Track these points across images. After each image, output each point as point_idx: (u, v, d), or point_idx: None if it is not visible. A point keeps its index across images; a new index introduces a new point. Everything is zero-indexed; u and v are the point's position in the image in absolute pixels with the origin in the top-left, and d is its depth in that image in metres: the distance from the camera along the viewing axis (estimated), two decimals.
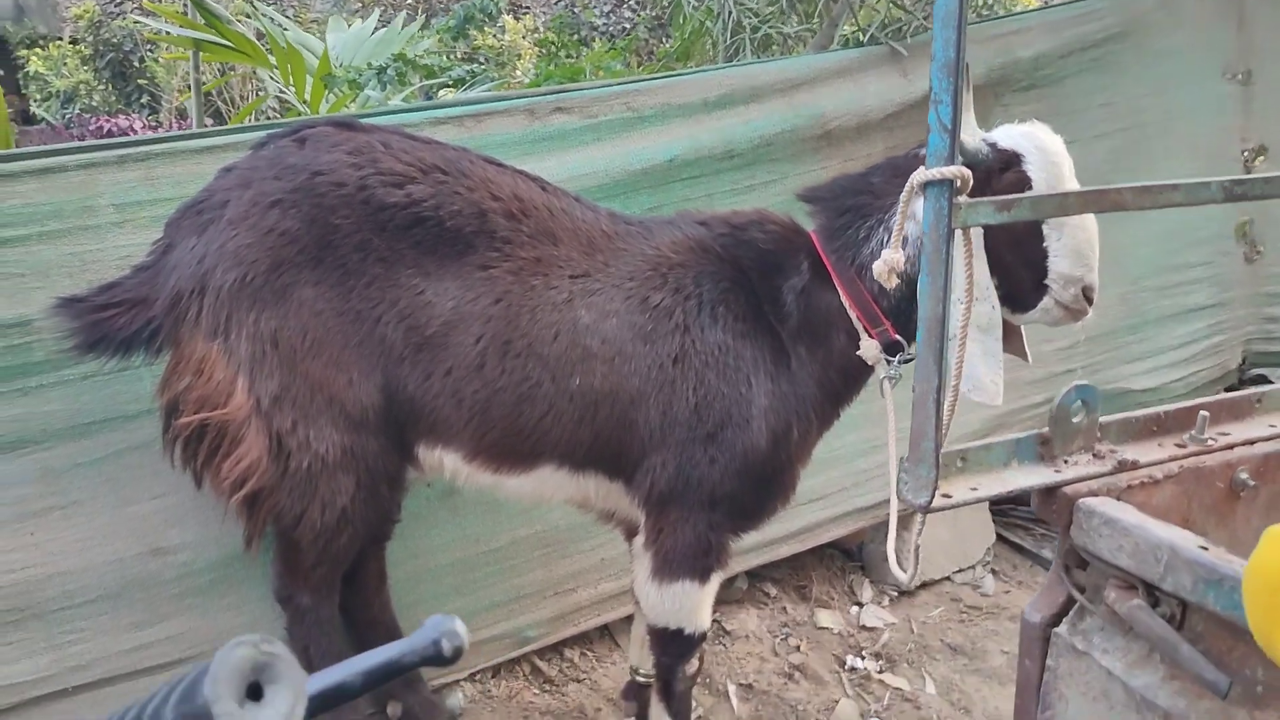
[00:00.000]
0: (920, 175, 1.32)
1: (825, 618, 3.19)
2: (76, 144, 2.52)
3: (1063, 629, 1.48)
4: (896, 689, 2.96)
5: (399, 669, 0.75)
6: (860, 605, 3.26)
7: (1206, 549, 1.30)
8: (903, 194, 1.48)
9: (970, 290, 1.53)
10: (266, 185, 2.14)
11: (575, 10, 7.19)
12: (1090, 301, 2.07)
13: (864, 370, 2.21)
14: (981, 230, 1.97)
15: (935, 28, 1.27)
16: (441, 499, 2.71)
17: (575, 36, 6.61)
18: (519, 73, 6.46)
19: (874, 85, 3.33)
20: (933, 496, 1.37)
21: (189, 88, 6.31)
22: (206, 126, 4.35)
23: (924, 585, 3.36)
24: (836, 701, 2.89)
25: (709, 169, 3.08)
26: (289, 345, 2.14)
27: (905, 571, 1.91)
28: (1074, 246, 2.01)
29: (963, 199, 1.33)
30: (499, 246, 2.19)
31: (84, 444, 2.37)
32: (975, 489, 1.42)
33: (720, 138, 3.07)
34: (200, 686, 0.59)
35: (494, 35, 7.33)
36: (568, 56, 4.76)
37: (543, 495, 2.36)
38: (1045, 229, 2.01)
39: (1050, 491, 1.47)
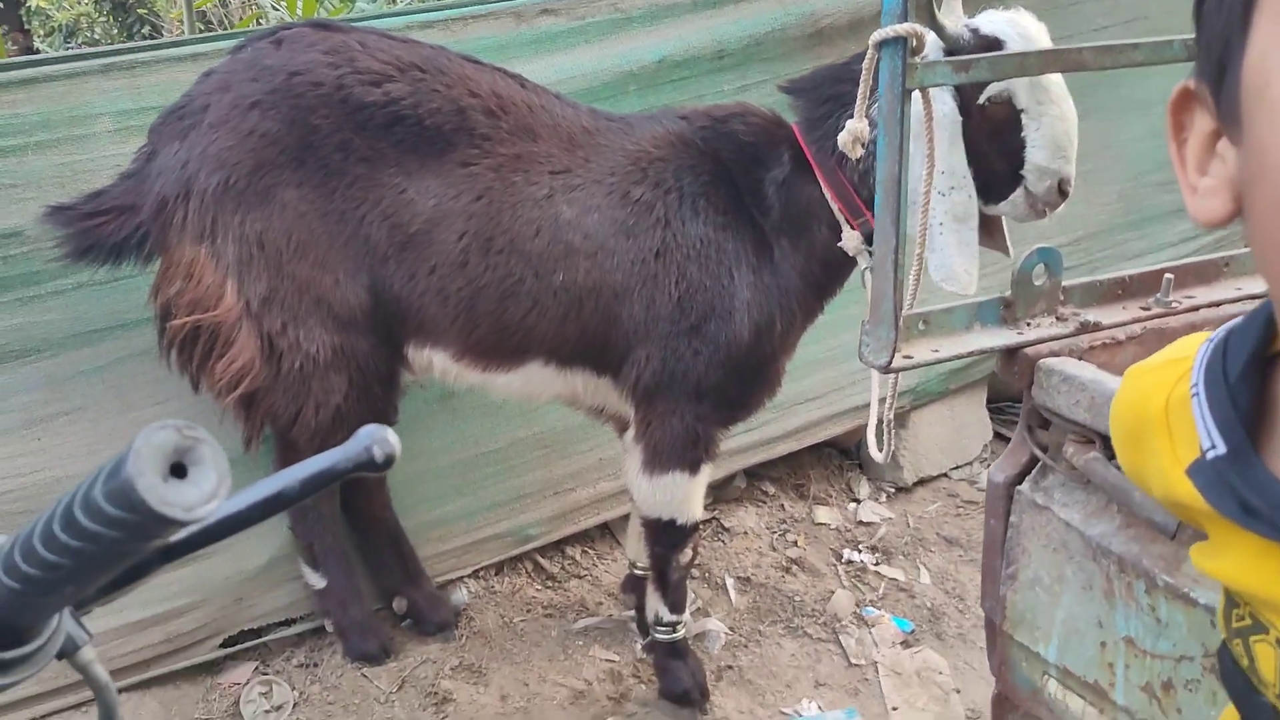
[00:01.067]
0: (876, 34, 1.32)
1: (823, 514, 3.24)
2: (62, 54, 2.53)
3: (1025, 487, 1.51)
4: (892, 579, 3.02)
5: (334, 476, 0.78)
6: (857, 502, 3.31)
7: None
8: (865, 60, 1.48)
9: (932, 155, 1.53)
10: (245, 87, 2.16)
11: None
12: (1065, 195, 2.05)
13: (847, 262, 2.21)
14: (959, 119, 1.96)
15: None
16: (440, 402, 2.76)
17: None
18: None
19: None
20: (892, 357, 1.40)
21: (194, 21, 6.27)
22: None
23: (921, 482, 3.40)
24: (833, 592, 2.95)
25: (699, 70, 3.05)
26: (275, 247, 2.17)
27: (880, 450, 1.95)
28: (1052, 137, 1.98)
29: (919, 58, 1.33)
30: (479, 144, 2.20)
31: (86, 352, 2.43)
32: (936, 350, 1.44)
33: (710, 38, 3.04)
34: (125, 464, 0.62)
35: None
36: None
37: (531, 392, 2.40)
38: (1024, 119, 1.98)
39: (1012, 353, 1.49)
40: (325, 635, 2.61)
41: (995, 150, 2.02)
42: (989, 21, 2.03)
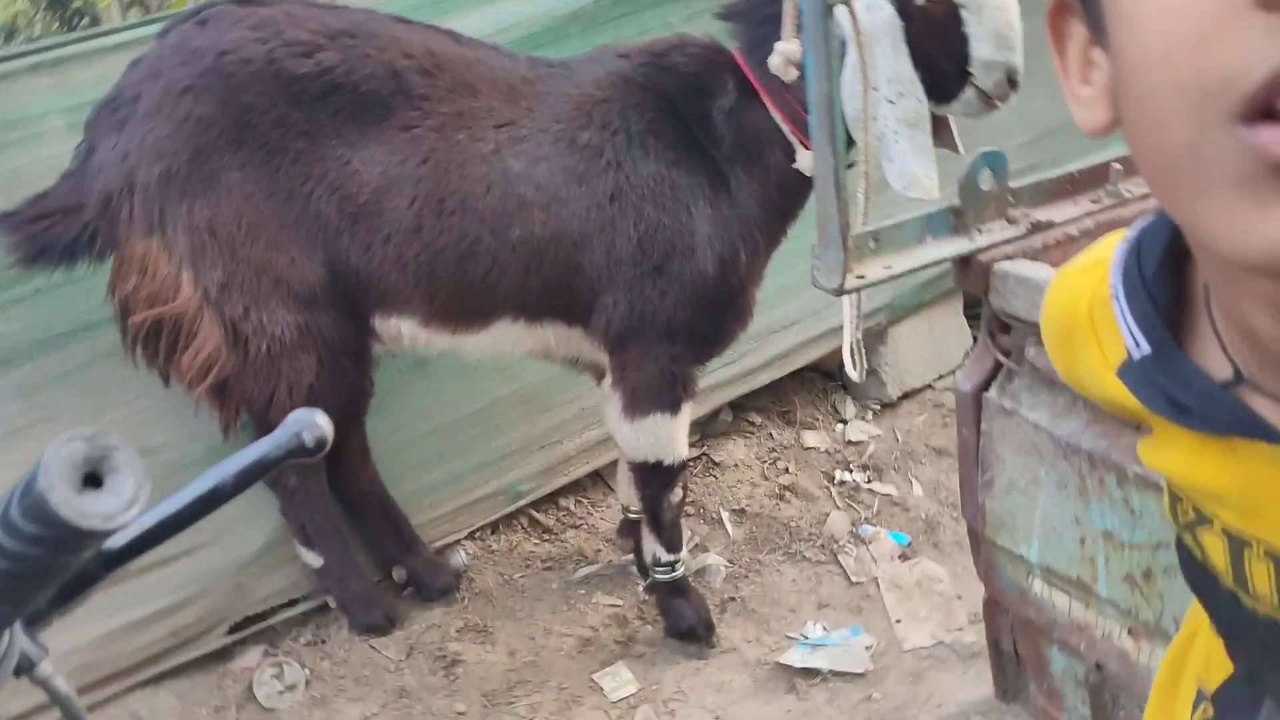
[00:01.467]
0: None
1: (811, 438, 3.25)
2: None
3: (992, 393, 1.51)
4: (885, 495, 3.05)
5: (267, 465, 0.78)
6: (845, 422, 3.32)
7: None
8: None
9: (864, 71, 1.50)
10: (175, 72, 2.11)
11: None
12: (1015, 85, 2.01)
13: (805, 183, 2.16)
14: (899, 24, 1.92)
15: None
16: (415, 370, 2.75)
17: None
18: None
19: None
20: (844, 278, 1.39)
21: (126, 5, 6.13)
22: None
23: (905, 395, 3.41)
24: (828, 514, 2.97)
25: (639, 4, 2.99)
26: (226, 232, 2.15)
27: (855, 369, 1.95)
28: (994, 29, 1.94)
29: None
30: (418, 105, 2.16)
31: (54, 358, 2.41)
32: (889, 267, 1.43)
33: None
34: (36, 480, 0.61)
35: None
36: None
37: (504, 350, 2.39)
38: (964, 14, 1.94)
39: (967, 261, 1.48)
40: (330, 612, 2.63)
41: (939, 50, 1.98)
42: None
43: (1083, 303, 0.74)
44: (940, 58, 1.98)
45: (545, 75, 2.26)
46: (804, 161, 2.11)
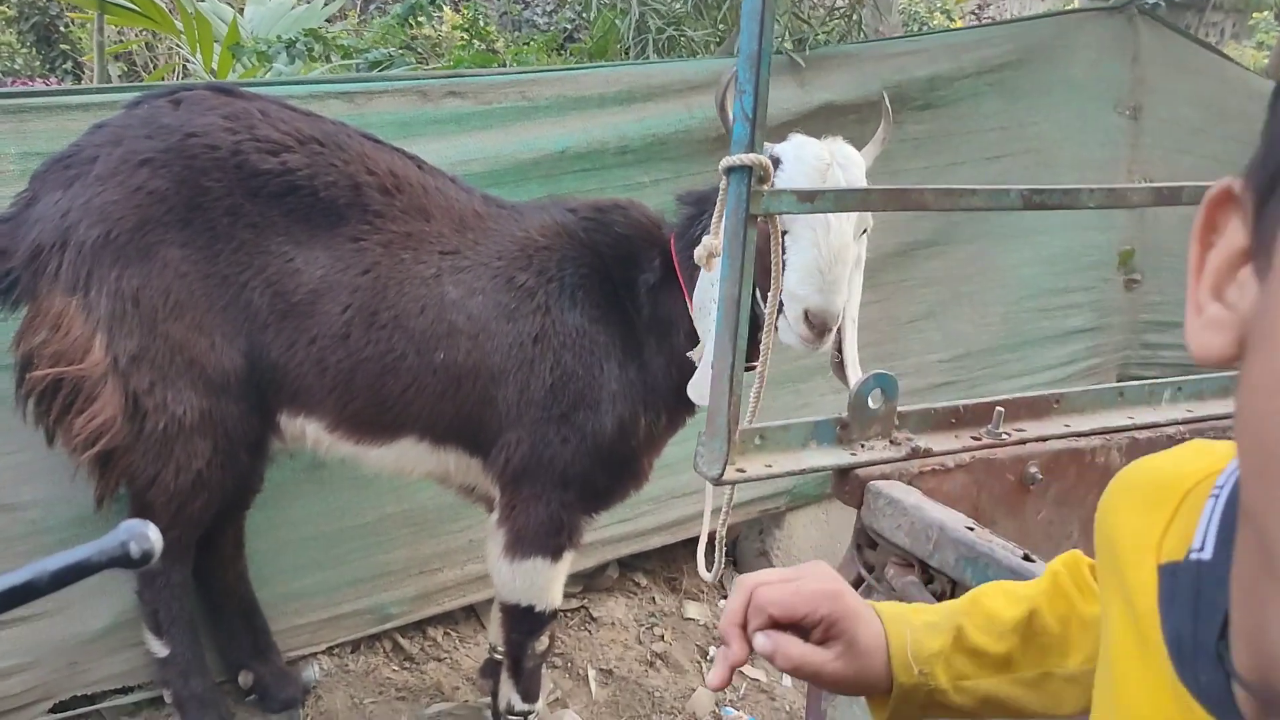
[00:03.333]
0: (724, 161, 1.39)
1: (693, 609, 3.25)
2: None
3: None
4: (754, 680, 3.04)
5: (87, 569, 0.78)
6: (728, 599, 3.32)
7: (972, 529, 1.38)
8: (721, 182, 1.54)
9: (779, 280, 1.59)
10: (138, 144, 2.15)
11: (517, 3, 7.21)
12: (813, 327, 1.89)
13: None
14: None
15: (743, 21, 1.34)
16: (308, 471, 2.72)
17: (517, 34, 6.64)
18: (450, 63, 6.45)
19: (771, 93, 3.39)
20: (723, 470, 1.44)
21: (113, 55, 6.21)
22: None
23: None
24: (694, 689, 2.95)
25: (602, 163, 3.13)
26: (150, 305, 2.15)
27: (710, 571, 1.99)
28: (803, 263, 1.86)
29: (766, 186, 1.40)
30: (371, 220, 2.22)
31: None
32: (769, 465, 1.48)
33: (615, 133, 3.12)
34: None
35: (432, 26, 7.33)
36: (486, 47, 4.79)
37: (404, 468, 2.39)
38: (786, 239, 1.86)
39: (845, 473, 1.54)
40: (163, 706, 2.51)
41: (760, 270, 1.80)
42: (795, 145, 1.96)
43: (1191, 478, 0.68)
44: (761, 277, 1.77)
45: (496, 213, 2.34)
46: (696, 353, 2.15)
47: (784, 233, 1.83)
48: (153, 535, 0.77)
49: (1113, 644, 0.68)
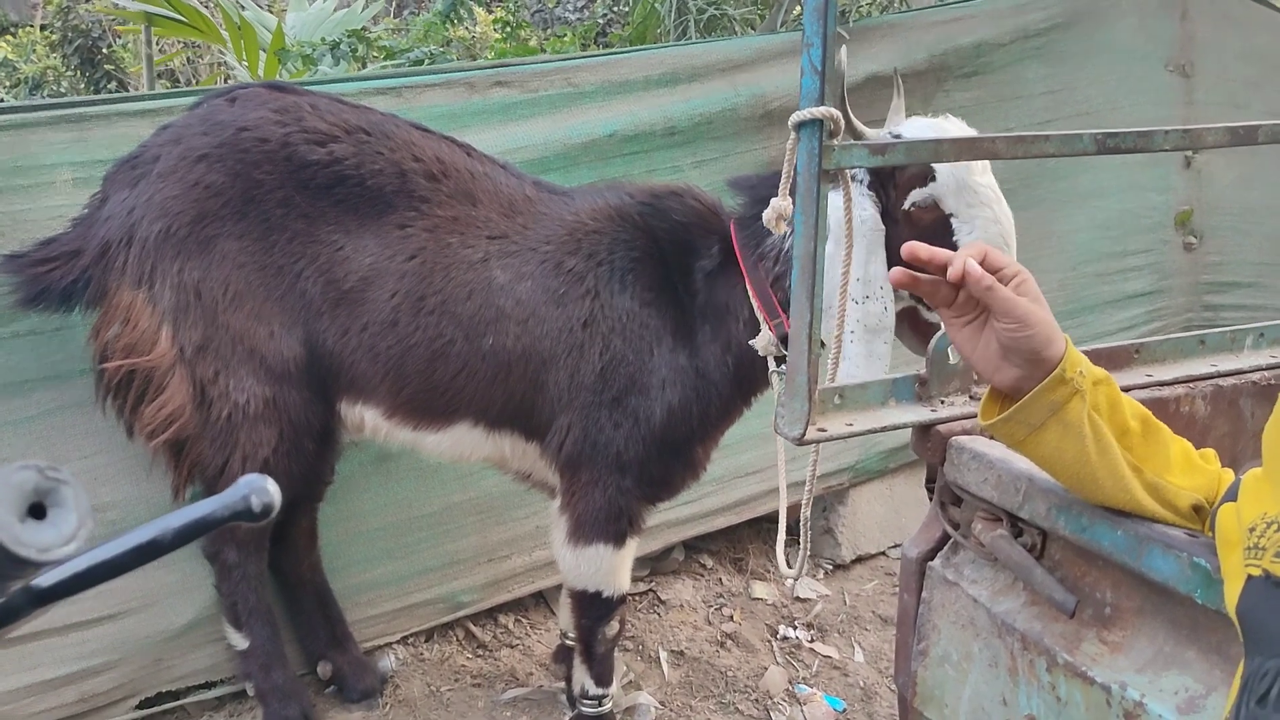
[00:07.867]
0: (794, 116, 1.37)
1: (760, 589, 3.24)
2: (10, 104, 2.54)
3: (936, 563, 1.52)
4: (826, 657, 3.01)
5: (210, 524, 0.78)
6: (795, 578, 3.30)
7: None
8: (789, 141, 1.52)
9: (850, 234, 1.57)
10: (195, 140, 2.19)
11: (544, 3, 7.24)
12: None
13: (762, 362, 2.18)
14: (881, 228, 1.95)
15: None
16: (375, 463, 2.74)
17: (549, 30, 6.66)
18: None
19: None
20: (805, 429, 1.42)
21: (156, 70, 6.30)
22: None
23: (859, 560, 3.41)
24: (766, 668, 2.93)
25: (650, 145, 3.12)
26: (211, 296, 2.18)
27: (791, 569, 1.97)
28: (987, 240, 1.88)
29: (836, 141, 1.38)
30: (417, 206, 2.23)
31: (16, 403, 2.39)
32: (850, 424, 1.46)
33: (661, 115, 3.11)
34: None
35: (465, 27, 7.37)
36: (526, 38, 4.81)
37: (461, 453, 2.39)
38: (954, 223, 1.94)
39: (926, 430, 1.52)
40: (246, 699, 2.55)
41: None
42: (913, 127, 2.00)
43: None
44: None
45: (546, 198, 2.33)
46: (760, 340, 2.13)
47: (949, 215, 1.93)
48: (272, 489, 0.77)
49: None
